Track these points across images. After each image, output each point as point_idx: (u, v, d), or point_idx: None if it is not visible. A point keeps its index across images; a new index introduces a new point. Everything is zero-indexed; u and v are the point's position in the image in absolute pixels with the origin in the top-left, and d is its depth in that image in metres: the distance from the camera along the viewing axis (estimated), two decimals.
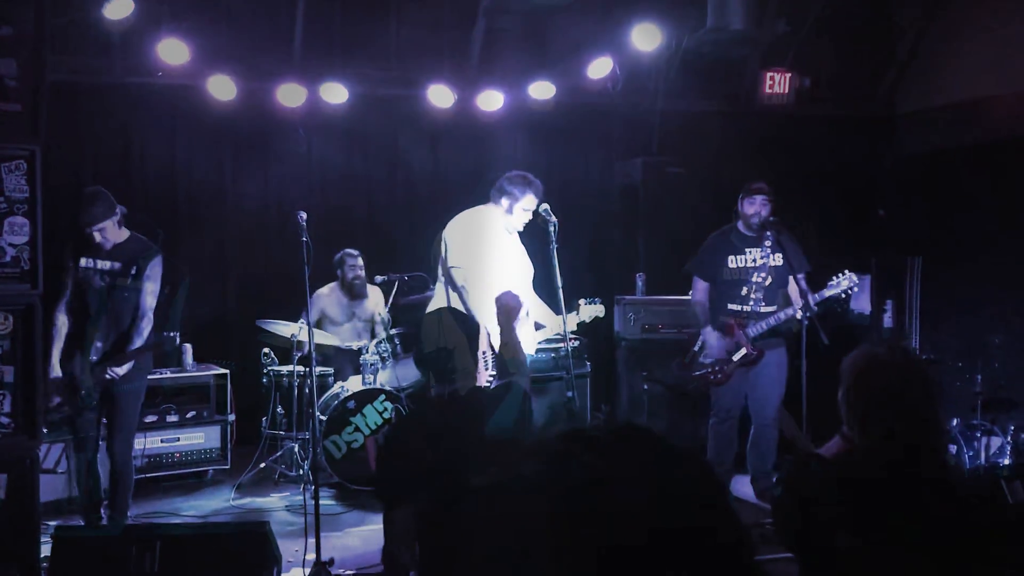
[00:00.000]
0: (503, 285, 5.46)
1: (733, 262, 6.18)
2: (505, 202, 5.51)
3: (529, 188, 5.48)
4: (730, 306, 6.11)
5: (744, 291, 6.09)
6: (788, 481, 2.80)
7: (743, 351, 6.05)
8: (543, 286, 5.77)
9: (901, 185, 8.63)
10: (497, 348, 5.34)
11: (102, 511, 5.70)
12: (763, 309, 6.04)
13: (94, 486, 5.68)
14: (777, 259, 6.05)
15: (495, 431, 5.35)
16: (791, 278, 5.97)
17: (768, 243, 6.06)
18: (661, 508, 0.94)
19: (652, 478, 0.97)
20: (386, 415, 6.65)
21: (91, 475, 5.66)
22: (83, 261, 5.57)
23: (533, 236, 5.71)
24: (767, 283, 6.06)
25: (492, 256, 5.52)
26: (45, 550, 4.48)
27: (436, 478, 2.84)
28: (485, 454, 1.07)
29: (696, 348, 6.31)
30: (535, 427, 5.53)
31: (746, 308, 6.08)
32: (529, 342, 5.64)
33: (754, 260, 6.12)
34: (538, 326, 5.74)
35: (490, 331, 5.38)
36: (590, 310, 5.76)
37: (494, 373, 5.49)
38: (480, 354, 5.50)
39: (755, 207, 6.10)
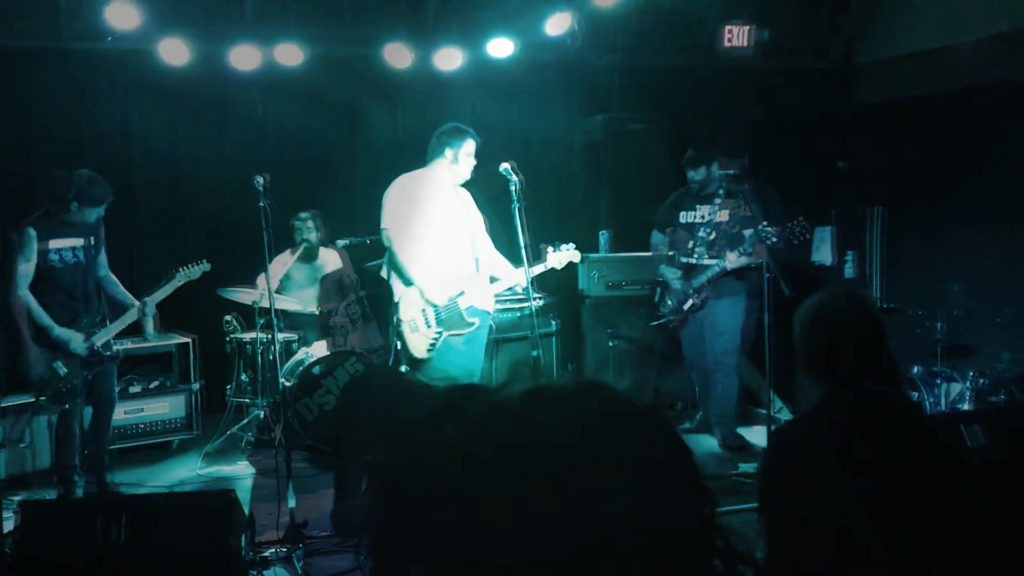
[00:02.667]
0: (442, 243, 5.55)
1: (684, 217, 6.68)
2: (449, 152, 5.64)
3: (466, 134, 5.67)
4: (681, 259, 6.57)
5: (691, 244, 6.53)
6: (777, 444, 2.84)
7: (689, 301, 6.51)
8: (507, 246, 5.76)
9: (861, 136, 8.66)
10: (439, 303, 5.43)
11: (76, 478, 5.71)
12: (705, 262, 6.44)
13: (72, 454, 5.70)
14: (723, 215, 6.43)
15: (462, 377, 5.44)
16: (747, 232, 6.23)
17: (718, 200, 6.48)
18: (610, 464, 0.93)
19: (605, 433, 0.95)
20: None
21: (71, 443, 5.70)
22: (52, 242, 5.55)
23: (496, 195, 5.71)
24: (711, 237, 6.45)
25: (430, 215, 5.56)
26: (8, 525, 4.45)
27: (388, 431, 2.89)
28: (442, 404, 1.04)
29: (656, 299, 6.81)
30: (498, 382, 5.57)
31: (691, 260, 6.51)
32: (484, 297, 5.70)
33: (702, 216, 6.56)
34: (493, 279, 5.80)
35: (424, 289, 5.48)
36: (562, 256, 5.77)
37: (439, 330, 5.55)
38: (420, 312, 5.52)
39: (689, 175, 6.69)
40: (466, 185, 5.90)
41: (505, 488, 0.90)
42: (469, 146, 5.65)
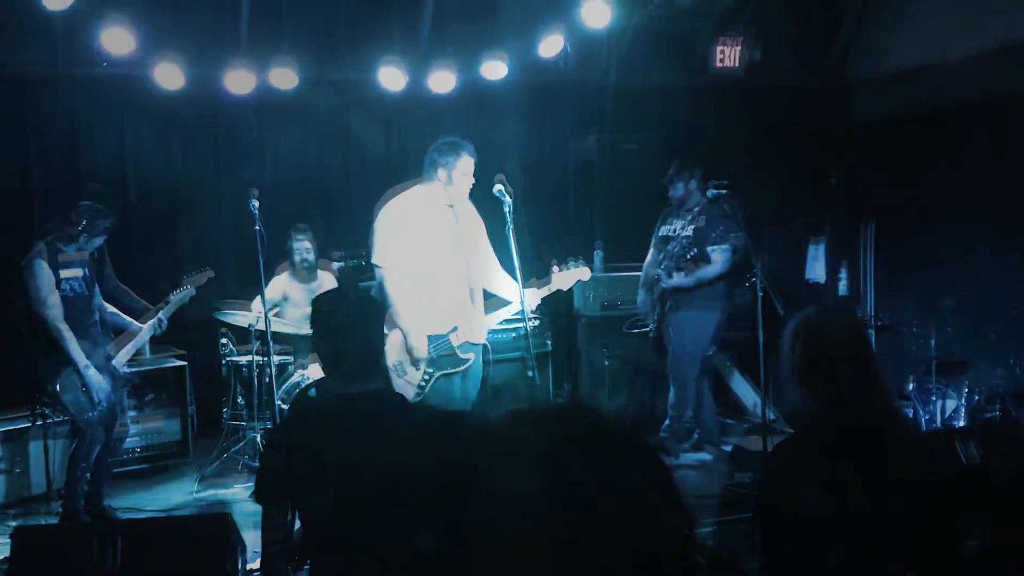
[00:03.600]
0: (434, 277, 5.23)
1: (663, 231, 6.90)
2: (442, 173, 5.24)
3: (463, 150, 5.23)
4: (651, 270, 6.85)
5: (661, 256, 6.76)
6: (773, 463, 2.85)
7: (656, 310, 6.76)
8: (501, 266, 5.73)
9: (853, 152, 8.71)
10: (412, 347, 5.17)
11: (81, 503, 5.75)
12: (670, 274, 6.63)
13: (85, 480, 5.76)
14: (689, 231, 6.63)
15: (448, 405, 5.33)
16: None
17: (690, 216, 6.67)
18: (588, 483, 0.94)
19: (590, 455, 0.97)
20: None
21: (88, 467, 5.75)
22: (63, 271, 5.59)
23: (487, 215, 5.65)
24: (675, 251, 6.64)
25: (421, 248, 5.22)
26: (3, 551, 4.44)
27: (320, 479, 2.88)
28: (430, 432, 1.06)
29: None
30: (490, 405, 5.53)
31: (660, 272, 6.70)
32: (479, 330, 5.42)
33: (674, 230, 6.78)
34: (503, 302, 5.54)
35: (408, 335, 5.17)
36: (569, 275, 5.52)
37: (429, 371, 5.26)
38: (405, 355, 5.25)
39: (670, 191, 6.87)
40: None
41: (482, 504, 0.92)
42: (465, 164, 5.21)
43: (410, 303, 5.20)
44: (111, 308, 6.04)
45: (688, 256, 6.48)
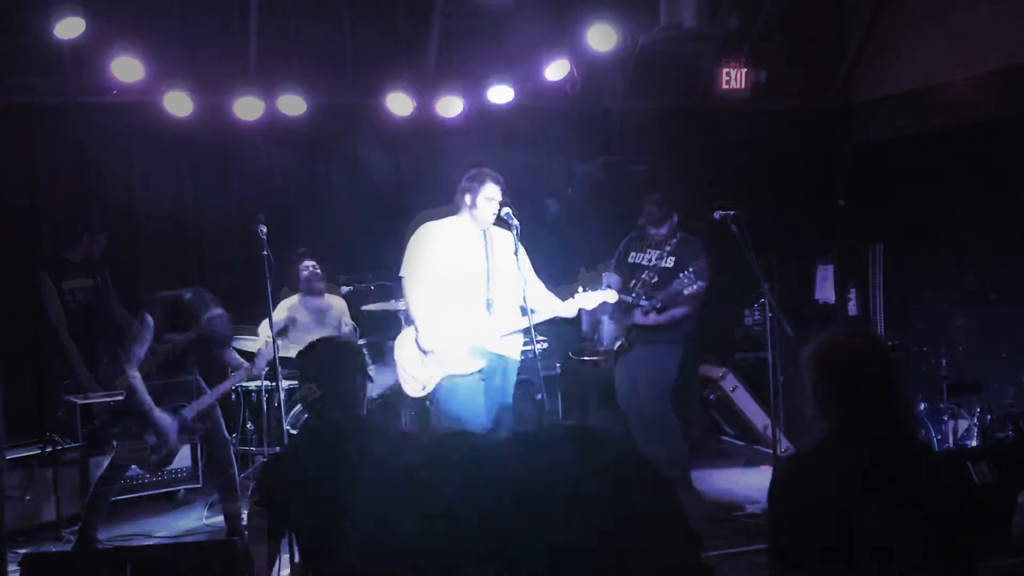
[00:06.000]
0: (449, 286, 5.49)
1: (633, 259, 6.57)
2: (468, 198, 5.56)
3: (486, 178, 5.57)
4: (621, 296, 6.22)
5: (632, 283, 6.42)
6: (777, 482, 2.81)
7: (618, 341, 6.44)
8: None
9: (860, 174, 8.71)
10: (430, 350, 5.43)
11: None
12: (642, 303, 6.23)
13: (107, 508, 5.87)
14: (668, 263, 6.36)
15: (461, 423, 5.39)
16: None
17: (668, 247, 6.41)
18: (593, 505, 0.94)
19: (590, 476, 0.97)
20: None
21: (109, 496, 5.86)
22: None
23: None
24: (653, 281, 6.35)
25: (440, 261, 5.50)
26: None
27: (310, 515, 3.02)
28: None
29: (589, 332, 6.82)
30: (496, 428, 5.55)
31: (628, 299, 6.27)
32: (493, 338, 5.56)
33: (649, 260, 6.47)
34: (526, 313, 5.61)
35: (420, 332, 5.44)
36: (596, 297, 5.74)
37: (437, 371, 5.49)
38: (413, 351, 5.52)
39: (648, 216, 6.54)
40: None
41: (486, 526, 0.92)
42: (489, 190, 5.53)
43: (426, 305, 5.46)
44: None
45: (667, 288, 6.18)
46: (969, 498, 2.68)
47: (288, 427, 6.27)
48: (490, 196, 5.53)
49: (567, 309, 5.68)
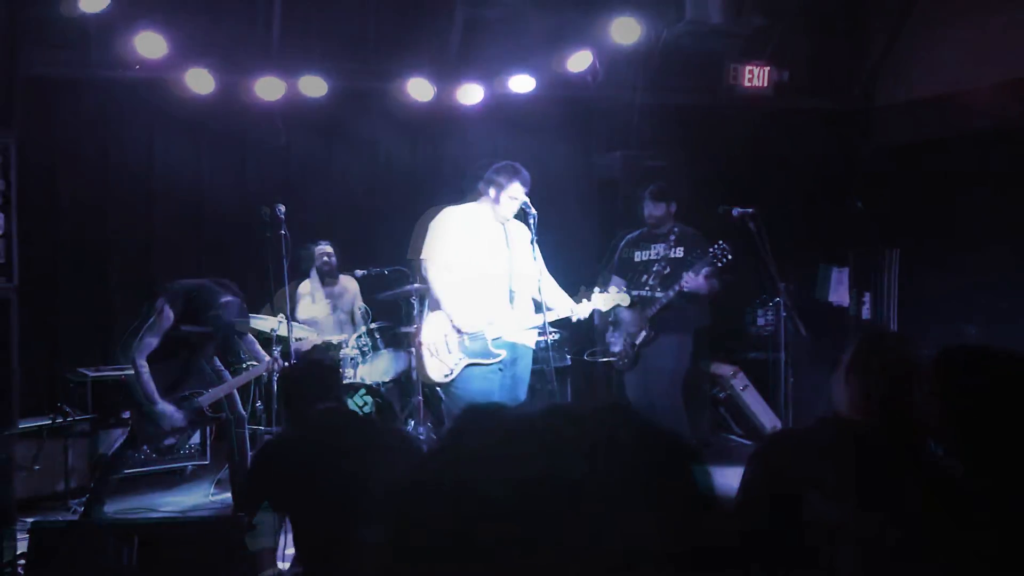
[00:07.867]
0: (476, 274, 5.58)
1: (639, 256, 6.61)
2: (492, 191, 5.61)
3: (516, 177, 5.61)
4: (634, 293, 6.34)
5: (645, 279, 6.48)
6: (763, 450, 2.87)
7: (643, 333, 6.41)
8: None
9: (878, 177, 8.66)
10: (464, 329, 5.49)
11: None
12: (659, 294, 6.35)
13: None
14: (677, 252, 6.44)
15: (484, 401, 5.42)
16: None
17: (672, 238, 6.50)
18: (624, 480, 0.94)
19: (623, 450, 0.97)
20: (366, 409, 6.63)
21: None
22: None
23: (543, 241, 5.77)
24: (667, 271, 6.41)
25: (466, 248, 5.58)
26: (21, 546, 4.46)
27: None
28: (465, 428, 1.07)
29: (607, 335, 6.73)
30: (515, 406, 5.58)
31: (643, 293, 6.40)
32: (515, 329, 5.64)
33: (657, 253, 6.54)
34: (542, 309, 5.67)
35: (452, 315, 5.52)
36: (610, 299, 5.85)
37: (461, 356, 5.55)
38: (442, 336, 5.58)
39: (648, 208, 6.61)
40: None
41: (520, 498, 0.92)
42: (515, 190, 5.58)
43: (451, 289, 5.55)
44: None
45: (686, 271, 6.27)
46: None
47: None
48: (514, 195, 5.59)
49: (582, 310, 5.75)
